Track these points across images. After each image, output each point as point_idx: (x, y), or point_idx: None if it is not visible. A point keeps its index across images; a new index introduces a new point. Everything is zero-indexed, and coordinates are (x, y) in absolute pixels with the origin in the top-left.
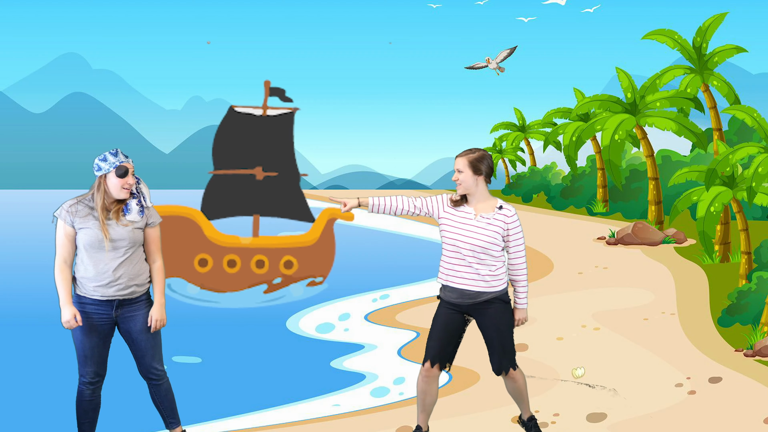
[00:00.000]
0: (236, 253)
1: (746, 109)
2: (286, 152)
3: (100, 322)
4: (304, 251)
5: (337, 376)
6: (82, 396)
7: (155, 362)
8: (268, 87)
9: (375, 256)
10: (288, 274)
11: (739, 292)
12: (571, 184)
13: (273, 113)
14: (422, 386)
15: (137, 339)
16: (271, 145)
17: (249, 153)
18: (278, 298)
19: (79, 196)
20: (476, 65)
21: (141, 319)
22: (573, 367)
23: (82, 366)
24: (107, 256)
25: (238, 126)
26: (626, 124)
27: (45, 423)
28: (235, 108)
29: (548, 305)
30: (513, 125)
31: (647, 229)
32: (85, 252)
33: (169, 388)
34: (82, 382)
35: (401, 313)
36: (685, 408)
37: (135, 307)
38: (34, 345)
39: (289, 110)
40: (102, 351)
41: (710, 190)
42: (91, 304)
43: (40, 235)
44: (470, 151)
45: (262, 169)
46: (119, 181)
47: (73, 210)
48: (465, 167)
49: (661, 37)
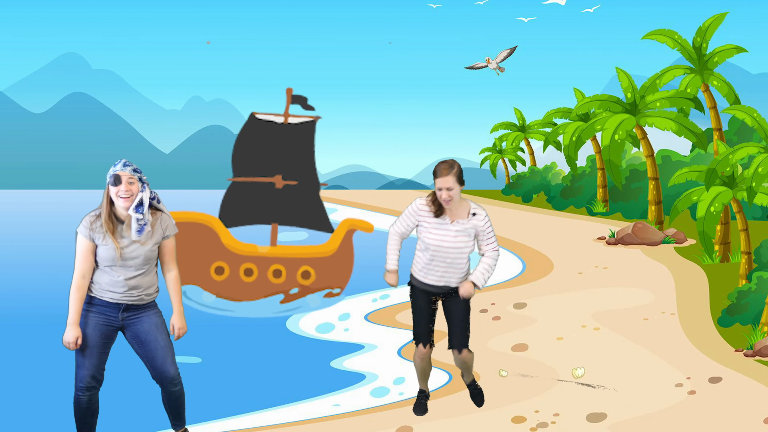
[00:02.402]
0: (253, 261)
1: (746, 109)
2: (306, 161)
3: (105, 323)
4: (322, 262)
5: (337, 376)
6: (79, 403)
7: (167, 364)
8: (290, 95)
9: (375, 256)
10: (305, 284)
11: (739, 292)
12: (571, 184)
13: (294, 121)
14: (421, 364)
15: (146, 339)
16: (292, 154)
17: (269, 161)
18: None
19: (97, 212)
20: (476, 65)
21: (148, 319)
22: (573, 367)
23: (80, 369)
24: (121, 271)
25: (259, 133)
26: (626, 124)
27: (46, 423)
28: (256, 115)
29: (548, 305)
30: (513, 125)
31: (647, 229)
32: (102, 264)
33: (182, 394)
34: (79, 388)
35: (401, 313)
36: (685, 408)
37: (141, 310)
38: (34, 345)
39: (311, 119)
40: (101, 354)
41: (710, 190)
42: (99, 305)
43: (41, 234)
44: (447, 164)
45: (282, 177)
46: (113, 190)
47: (93, 227)
48: (454, 183)
49: (661, 37)
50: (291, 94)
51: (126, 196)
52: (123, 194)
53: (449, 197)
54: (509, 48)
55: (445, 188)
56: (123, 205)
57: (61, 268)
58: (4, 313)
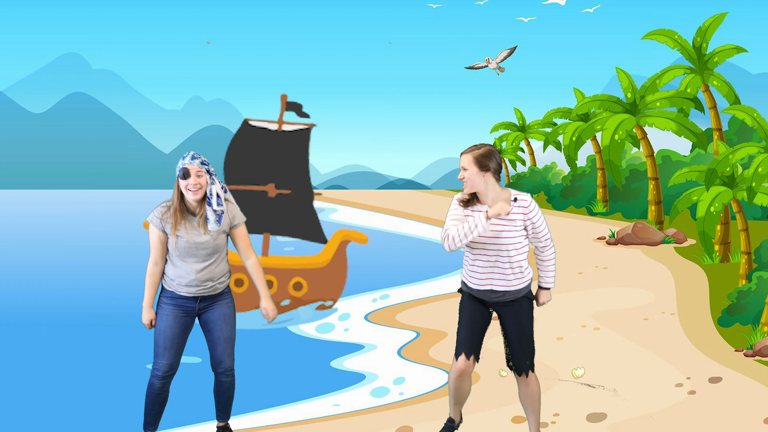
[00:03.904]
0: (244, 272)
1: (746, 109)
2: (300, 169)
3: (184, 314)
4: (315, 273)
5: (337, 376)
6: (153, 389)
7: (226, 355)
8: (284, 101)
9: (375, 256)
10: (297, 296)
11: (739, 292)
12: (571, 184)
13: (288, 128)
14: (456, 383)
15: (213, 329)
16: (286, 162)
17: (262, 169)
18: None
19: (168, 203)
20: (476, 65)
21: (219, 309)
22: (573, 367)
23: (158, 358)
24: (192, 262)
25: (252, 140)
26: (626, 124)
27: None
28: (249, 121)
29: (548, 305)
30: (513, 125)
31: (647, 229)
32: (174, 255)
33: (233, 386)
34: (155, 375)
35: (401, 313)
36: (685, 408)
37: (216, 298)
38: (33, 345)
39: (306, 126)
40: (180, 343)
41: (710, 190)
42: (178, 298)
43: (41, 234)
44: (475, 147)
45: (275, 186)
46: (182, 183)
47: (164, 218)
48: (470, 164)
49: (661, 37)
50: (285, 100)
51: (195, 189)
52: (192, 187)
53: (464, 178)
54: (509, 48)
55: (462, 167)
56: (193, 198)
57: (61, 268)
58: (3, 312)
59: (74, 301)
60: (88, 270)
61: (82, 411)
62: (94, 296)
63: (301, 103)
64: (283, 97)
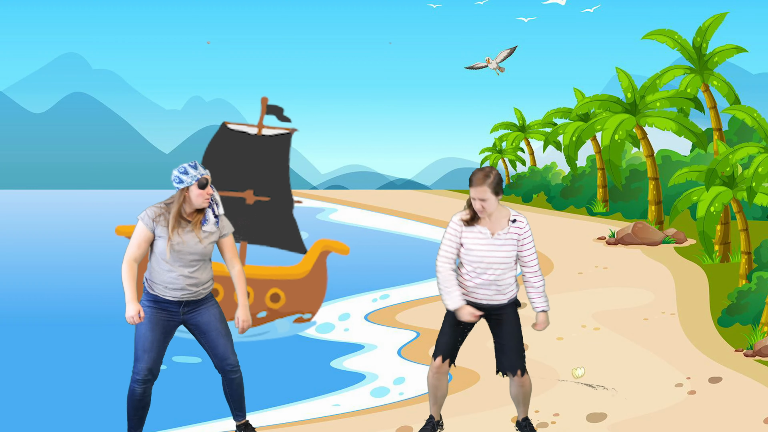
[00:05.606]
0: (219, 282)
1: (746, 109)
2: (280, 176)
3: (167, 318)
4: (293, 284)
5: (337, 376)
6: (134, 395)
7: (229, 353)
8: (265, 104)
9: (375, 256)
10: (274, 308)
11: (739, 292)
12: (571, 184)
13: (268, 133)
14: (433, 381)
15: (208, 329)
16: (265, 168)
17: (240, 174)
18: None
19: (163, 206)
20: (476, 65)
21: (207, 310)
22: (573, 367)
23: (138, 362)
24: (178, 266)
25: (230, 145)
26: (626, 124)
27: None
28: (228, 125)
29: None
30: (513, 125)
31: (647, 229)
32: (159, 259)
33: (242, 382)
34: (135, 380)
35: (401, 313)
36: (685, 408)
37: (201, 302)
38: (32, 345)
39: (287, 131)
40: (160, 348)
41: (710, 190)
42: (162, 302)
43: (41, 234)
44: (484, 175)
45: (253, 192)
46: (201, 192)
47: (158, 219)
48: (488, 194)
49: (661, 37)
50: (266, 103)
51: (209, 198)
52: (209, 196)
53: (482, 208)
54: (509, 48)
55: (479, 199)
56: (203, 206)
57: (61, 268)
58: (4, 312)
59: (74, 301)
60: (88, 270)
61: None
62: (94, 296)
63: (282, 107)
64: (264, 100)
